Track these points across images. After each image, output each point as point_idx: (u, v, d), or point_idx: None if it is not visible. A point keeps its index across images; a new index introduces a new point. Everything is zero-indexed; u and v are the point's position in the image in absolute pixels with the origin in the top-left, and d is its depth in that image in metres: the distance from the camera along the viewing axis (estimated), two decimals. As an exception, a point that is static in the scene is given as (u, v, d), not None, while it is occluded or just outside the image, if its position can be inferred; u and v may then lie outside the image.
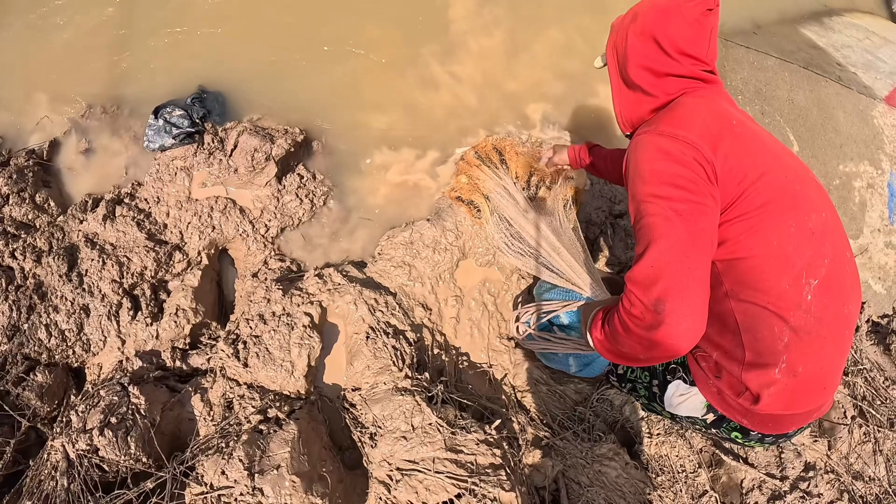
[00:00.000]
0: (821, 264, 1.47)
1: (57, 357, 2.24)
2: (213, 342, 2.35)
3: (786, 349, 1.44)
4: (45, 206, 2.46)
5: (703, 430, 1.81)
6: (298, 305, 2.30)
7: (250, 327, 2.26)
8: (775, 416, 1.55)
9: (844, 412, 2.61)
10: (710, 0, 1.55)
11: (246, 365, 2.18)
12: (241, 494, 1.80)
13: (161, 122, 2.56)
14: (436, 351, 2.42)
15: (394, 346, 2.27)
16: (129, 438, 1.94)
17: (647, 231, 1.39)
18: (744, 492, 2.35)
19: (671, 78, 1.63)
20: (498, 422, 2.13)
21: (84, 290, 2.29)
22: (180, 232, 2.48)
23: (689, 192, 1.38)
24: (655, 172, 1.43)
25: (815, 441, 2.49)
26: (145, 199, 2.52)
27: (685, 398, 1.73)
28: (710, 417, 1.69)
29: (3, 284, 2.22)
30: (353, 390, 2.26)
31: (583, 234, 2.66)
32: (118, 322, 2.29)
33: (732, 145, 1.45)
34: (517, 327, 2.34)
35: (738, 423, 1.61)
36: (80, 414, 1.97)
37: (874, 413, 2.60)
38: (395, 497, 1.91)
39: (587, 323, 1.73)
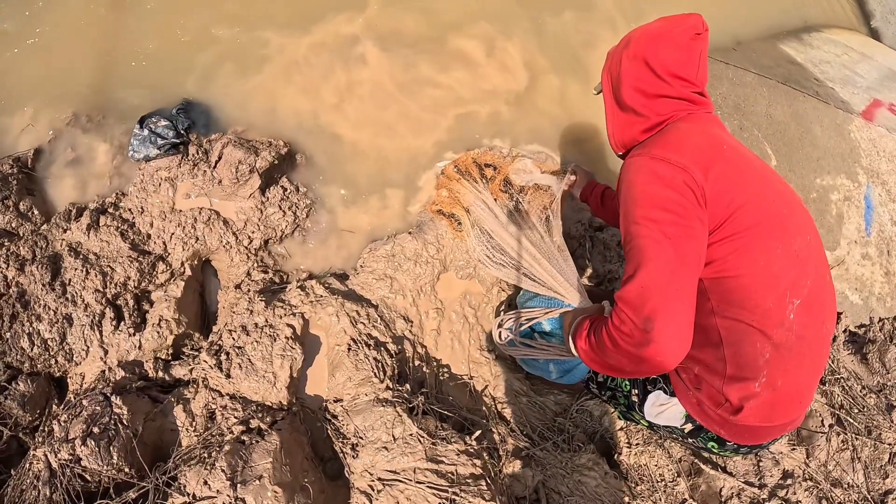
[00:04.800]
0: (804, 285, 1.54)
1: (39, 366, 2.23)
2: (196, 353, 2.36)
3: (766, 364, 1.51)
4: (29, 214, 2.46)
5: (681, 439, 1.85)
6: (281, 317, 2.31)
7: (233, 338, 2.26)
8: (753, 427, 1.61)
9: (822, 420, 2.65)
10: (698, 25, 1.64)
11: (228, 376, 2.19)
12: (223, 505, 1.81)
13: (146, 132, 2.56)
14: (417, 363, 2.44)
15: (375, 358, 2.29)
16: (111, 448, 1.94)
17: (637, 252, 1.45)
18: (723, 500, 2.38)
19: (662, 99, 1.70)
20: (478, 432, 2.15)
21: (67, 299, 2.28)
22: (164, 242, 2.49)
23: (677, 216, 1.44)
24: (647, 195, 1.50)
25: (794, 449, 2.52)
26: (129, 210, 2.52)
27: (665, 408, 1.78)
28: (689, 427, 1.74)
29: (-14, 293, 2.22)
30: (334, 401, 2.27)
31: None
32: (101, 332, 2.29)
33: (723, 169, 1.51)
34: (499, 333, 2.37)
35: (715, 434, 1.67)
36: (63, 423, 1.97)
37: (852, 421, 2.64)
38: (376, 507, 1.93)
39: (570, 330, 1.78)
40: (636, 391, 1.91)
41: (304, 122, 2.85)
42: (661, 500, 2.28)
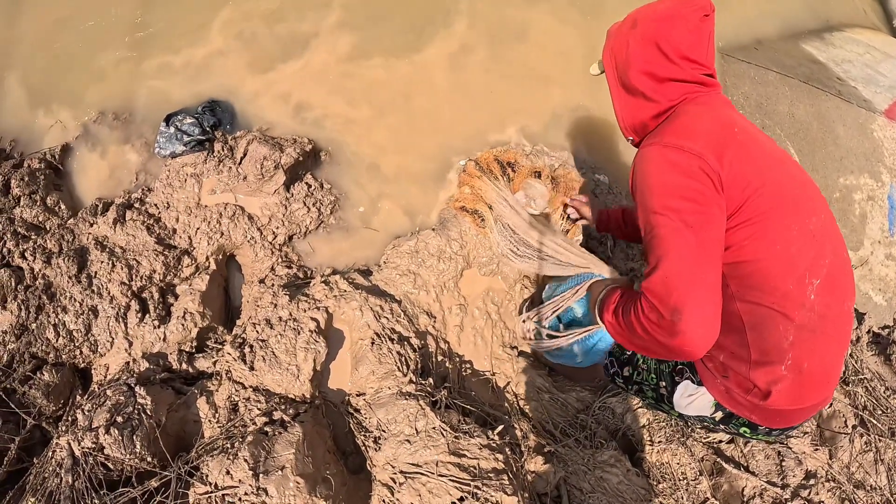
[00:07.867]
0: (822, 264, 1.53)
1: (64, 357, 2.26)
2: (220, 346, 2.38)
3: (791, 347, 1.50)
4: (56, 208, 2.50)
5: (712, 427, 1.84)
6: (305, 311, 2.32)
7: (257, 331, 2.28)
8: (783, 411, 1.60)
9: (845, 421, 2.62)
10: (706, 6, 1.62)
11: (252, 368, 2.20)
12: (246, 494, 1.81)
13: (172, 129, 2.60)
14: (440, 358, 2.44)
15: (398, 352, 2.29)
16: (134, 437, 1.95)
17: (659, 243, 1.45)
18: (745, 500, 2.35)
19: (672, 83, 1.68)
20: (501, 427, 2.14)
21: (93, 291, 2.31)
22: (189, 237, 2.51)
23: (697, 204, 1.44)
24: (664, 185, 1.49)
25: (816, 450, 2.49)
26: (155, 205, 2.55)
27: (694, 398, 1.77)
28: (719, 415, 1.74)
29: (13, 284, 2.25)
30: (357, 395, 2.28)
31: (583, 247, 2.70)
32: (126, 324, 2.32)
33: (736, 153, 1.50)
34: (525, 329, 2.36)
35: (746, 420, 1.65)
36: (87, 413, 1.98)
37: (875, 422, 2.61)
38: (398, 499, 1.92)
39: (598, 301, 1.80)
40: (664, 383, 1.90)
41: (328, 120, 2.87)
42: (682, 498, 2.26)
